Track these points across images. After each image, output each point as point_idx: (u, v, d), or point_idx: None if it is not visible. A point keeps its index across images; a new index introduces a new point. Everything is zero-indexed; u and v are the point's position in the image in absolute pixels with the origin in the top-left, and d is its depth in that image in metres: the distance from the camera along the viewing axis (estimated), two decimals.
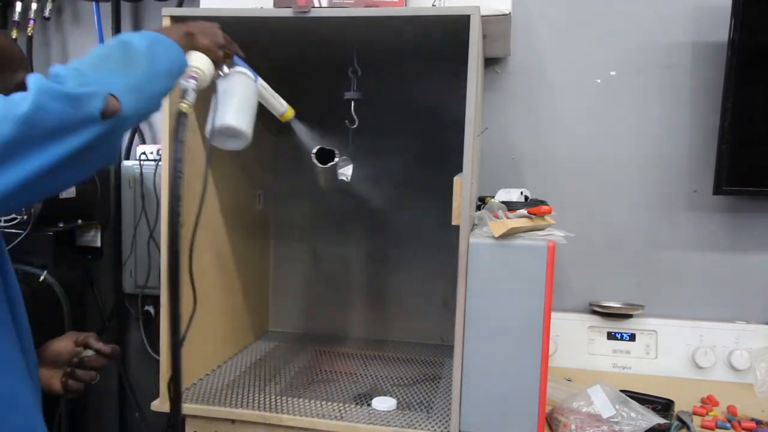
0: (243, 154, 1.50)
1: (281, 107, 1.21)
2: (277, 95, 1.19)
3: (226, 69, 0.99)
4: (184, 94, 0.86)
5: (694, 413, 1.24)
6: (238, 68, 1.02)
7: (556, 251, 1.05)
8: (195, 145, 1.29)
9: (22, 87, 0.72)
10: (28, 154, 0.62)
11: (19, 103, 0.62)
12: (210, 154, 1.15)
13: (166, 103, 1.18)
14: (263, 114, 1.62)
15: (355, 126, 1.36)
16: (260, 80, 1.11)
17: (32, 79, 0.64)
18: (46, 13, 1.79)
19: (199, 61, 0.90)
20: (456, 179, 1.08)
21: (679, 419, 1.20)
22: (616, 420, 1.10)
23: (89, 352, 0.95)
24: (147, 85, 0.74)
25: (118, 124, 0.69)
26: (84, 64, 0.70)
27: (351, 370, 1.46)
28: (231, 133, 0.97)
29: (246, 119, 0.98)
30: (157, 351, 1.64)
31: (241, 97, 0.99)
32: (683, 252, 1.54)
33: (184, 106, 0.86)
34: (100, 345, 0.95)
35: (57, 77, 0.66)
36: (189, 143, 1.26)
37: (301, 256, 1.73)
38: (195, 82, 0.88)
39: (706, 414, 1.24)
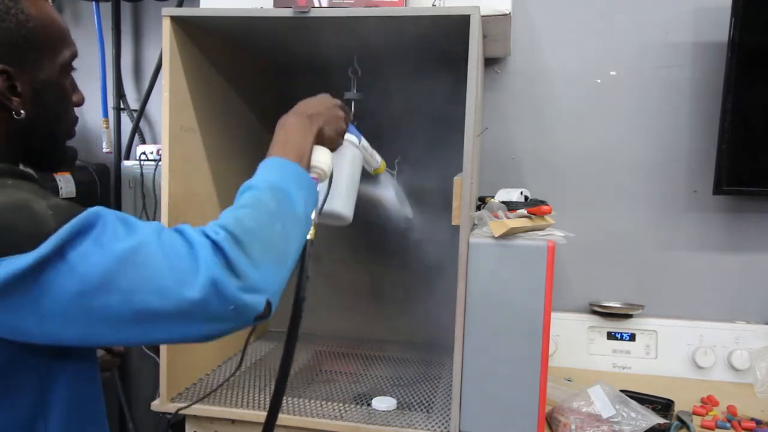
0: (243, 153, 1.51)
1: (376, 163, 1.13)
2: (373, 151, 1.11)
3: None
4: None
5: (694, 413, 1.24)
6: (347, 136, 0.97)
7: (556, 251, 1.05)
8: (195, 144, 1.29)
9: (66, 68, 0.76)
10: (167, 326, 0.61)
11: (190, 279, 0.60)
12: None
13: (166, 93, 1.18)
14: (263, 113, 1.62)
15: (355, 126, 1.36)
16: (362, 140, 1.05)
17: (206, 253, 0.61)
18: None
19: (322, 160, 0.85)
20: (456, 179, 1.08)
21: (679, 419, 1.20)
22: (616, 420, 1.10)
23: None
24: (295, 256, 0.75)
25: (259, 323, 0.67)
26: (253, 242, 0.66)
27: (351, 370, 1.46)
28: (336, 217, 0.95)
29: (352, 202, 0.96)
30: (156, 351, 1.64)
31: (349, 178, 0.95)
32: (683, 252, 1.54)
33: (311, 234, 0.81)
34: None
35: (231, 265, 0.62)
36: (189, 143, 1.26)
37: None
38: (317, 185, 0.84)
39: (706, 414, 1.24)
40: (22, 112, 0.72)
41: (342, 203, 0.95)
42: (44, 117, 0.75)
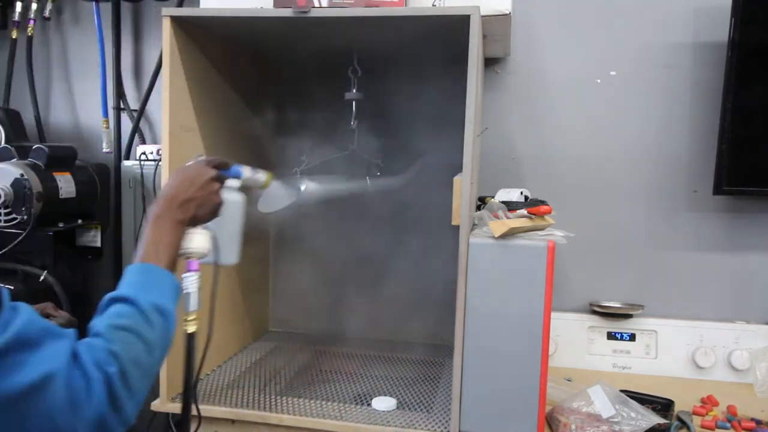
0: (243, 154, 1.51)
1: (261, 180, 1.10)
2: (256, 173, 1.07)
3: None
4: (186, 305, 0.86)
5: (694, 413, 1.24)
6: (228, 185, 0.97)
7: (556, 251, 1.05)
8: (195, 144, 1.29)
9: None
10: None
11: (82, 418, 0.60)
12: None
13: (166, 93, 1.18)
14: (263, 112, 1.62)
15: (355, 126, 1.36)
16: (244, 169, 1.03)
17: (99, 392, 0.62)
18: (46, 13, 1.79)
19: (195, 244, 0.87)
20: (456, 179, 1.08)
21: (679, 419, 1.20)
22: (616, 420, 1.10)
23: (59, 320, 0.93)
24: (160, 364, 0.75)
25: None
26: (136, 373, 0.67)
27: (351, 370, 1.46)
28: (227, 266, 0.99)
29: (238, 245, 1.00)
30: None
31: (231, 229, 0.98)
32: (683, 252, 1.54)
33: (191, 326, 0.86)
34: (61, 312, 0.94)
35: (116, 402, 0.63)
36: (189, 143, 1.26)
37: (300, 256, 1.73)
38: (197, 275, 0.88)
39: (706, 414, 1.24)
40: None
41: (230, 255, 0.98)
42: None
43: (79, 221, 1.69)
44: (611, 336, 1.50)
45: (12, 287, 1.49)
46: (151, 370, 0.71)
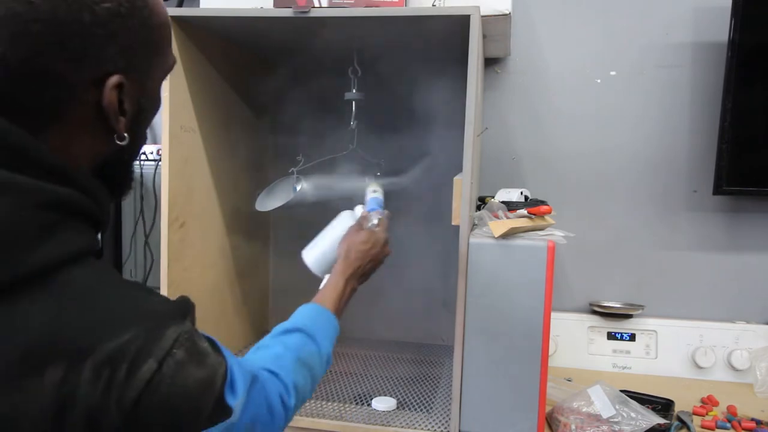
0: (243, 153, 1.51)
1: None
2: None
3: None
4: None
5: (694, 413, 1.24)
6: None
7: (556, 251, 1.05)
8: (195, 144, 1.29)
9: (170, 69, 0.64)
10: None
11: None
12: None
13: (166, 93, 1.18)
14: (263, 113, 1.62)
15: (355, 126, 1.36)
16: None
17: (281, 425, 0.68)
18: None
19: None
20: (456, 179, 1.08)
21: (679, 419, 1.20)
22: (616, 420, 1.10)
23: None
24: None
25: None
26: (299, 406, 0.74)
27: (351, 370, 1.46)
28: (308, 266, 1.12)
29: (325, 265, 1.11)
30: None
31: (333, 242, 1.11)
32: (683, 252, 1.54)
33: None
34: None
35: (293, 410, 0.71)
36: (189, 143, 1.26)
37: (301, 256, 1.73)
38: None
39: (706, 414, 1.24)
40: (125, 136, 0.56)
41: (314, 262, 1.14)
42: (139, 141, 0.61)
43: None
44: (611, 336, 1.50)
45: None
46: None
